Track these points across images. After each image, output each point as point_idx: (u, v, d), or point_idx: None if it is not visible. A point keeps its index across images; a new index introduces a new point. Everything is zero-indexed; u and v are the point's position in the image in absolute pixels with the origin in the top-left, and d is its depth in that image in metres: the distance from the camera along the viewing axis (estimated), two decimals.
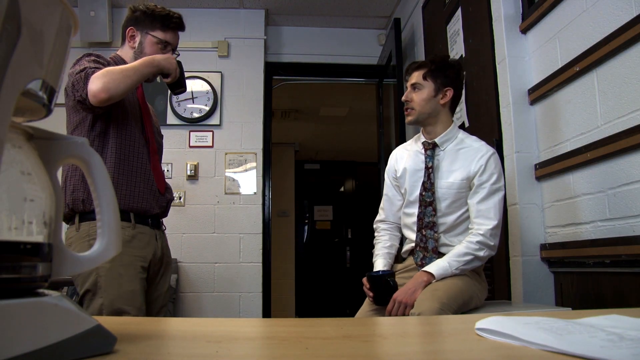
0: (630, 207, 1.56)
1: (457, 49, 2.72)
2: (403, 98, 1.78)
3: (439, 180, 1.75)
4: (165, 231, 1.80)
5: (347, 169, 7.37)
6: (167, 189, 1.78)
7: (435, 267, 1.62)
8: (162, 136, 1.87)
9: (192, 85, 3.62)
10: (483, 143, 1.77)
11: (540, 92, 2.03)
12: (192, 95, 3.62)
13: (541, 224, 2.06)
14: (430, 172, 1.76)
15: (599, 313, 0.56)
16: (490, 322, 0.50)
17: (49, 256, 0.40)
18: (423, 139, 1.83)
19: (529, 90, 2.12)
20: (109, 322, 0.45)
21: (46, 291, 0.41)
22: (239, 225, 3.51)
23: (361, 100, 5.08)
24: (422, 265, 1.72)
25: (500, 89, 2.22)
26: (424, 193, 1.76)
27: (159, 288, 1.71)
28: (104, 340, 0.41)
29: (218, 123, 3.63)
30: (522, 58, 2.16)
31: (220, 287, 3.44)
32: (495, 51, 2.25)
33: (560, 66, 1.90)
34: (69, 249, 0.44)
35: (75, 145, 0.45)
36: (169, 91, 2.03)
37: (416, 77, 1.77)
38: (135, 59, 1.72)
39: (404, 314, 1.56)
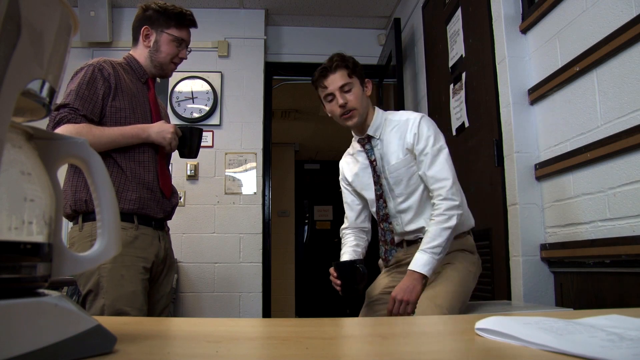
0: (630, 207, 1.56)
1: (457, 49, 2.72)
2: (340, 103, 1.68)
3: (387, 166, 1.72)
4: (169, 232, 1.80)
5: None
6: (173, 194, 1.77)
7: (420, 266, 1.56)
8: None
9: (192, 85, 3.62)
10: (410, 112, 1.76)
11: (540, 92, 2.03)
12: (192, 95, 3.62)
13: (541, 224, 2.06)
14: (375, 165, 1.74)
15: (599, 313, 0.56)
16: (490, 322, 0.50)
17: (49, 256, 0.40)
18: (357, 138, 1.81)
19: (529, 90, 2.12)
20: (109, 322, 0.45)
21: (46, 291, 0.41)
22: (239, 225, 3.51)
23: None
24: (386, 260, 1.77)
25: (500, 89, 2.22)
26: (375, 188, 1.76)
27: (162, 289, 1.71)
28: (104, 340, 0.41)
29: (218, 123, 3.63)
30: (522, 58, 2.16)
31: (220, 287, 3.44)
32: (495, 51, 2.25)
33: (560, 66, 1.90)
34: (72, 249, 0.44)
35: (75, 145, 0.45)
36: (169, 90, 2.03)
37: (342, 78, 1.69)
38: (151, 57, 1.72)
39: (406, 313, 1.53)
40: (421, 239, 1.64)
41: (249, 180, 3.58)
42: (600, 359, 0.38)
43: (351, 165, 1.86)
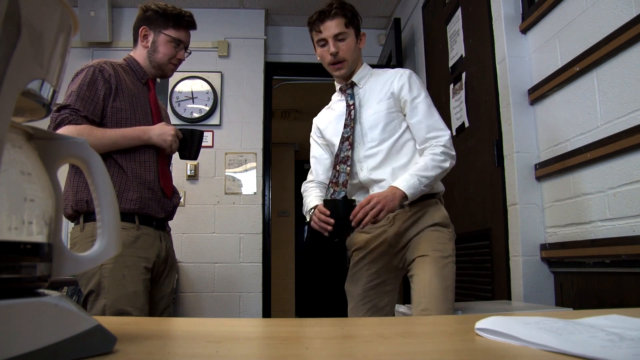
0: (630, 207, 1.56)
1: (457, 49, 2.72)
2: (332, 51, 1.65)
3: (365, 111, 1.67)
4: (170, 232, 1.80)
5: None
6: (174, 193, 1.77)
7: (404, 183, 1.50)
8: None
9: (192, 85, 3.62)
10: (396, 69, 1.73)
11: (540, 92, 2.03)
12: (192, 95, 3.62)
13: (541, 224, 2.06)
14: (351, 109, 1.69)
15: (599, 313, 0.56)
16: (490, 322, 0.50)
17: (49, 256, 0.40)
18: (339, 85, 1.76)
19: (529, 90, 2.12)
20: (109, 322, 0.45)
21: (46, 291, 0.41)
22: (239, 225, 3.51)
23: None
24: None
25: (500, 89, 2.22)
26: (343, 131, 1.69)
27: (163, 289, 1.71)
28: (104, 340, 0.41)
29: (218, 123, 3.63)
30: (522, 58, 2.16)
31: (220, 287, 3.44)
32: (495, 51, 2.25)
33: (560, 66, 1.90)
34: (73, 249, 0.44)
35: (75, 145, 0.45)
36: (168, 90, 2.03)
37: (337, 26, 1.65)
38: (149, 58, 1.73)
39: (375, 220, 1.46)
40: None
41: (249, 180, 3.58)
42: (600, 359, 0.38)
43: (325, 116, 1.82)
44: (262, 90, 3.72)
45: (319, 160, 1.82)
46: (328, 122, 1.78)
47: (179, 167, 3.49)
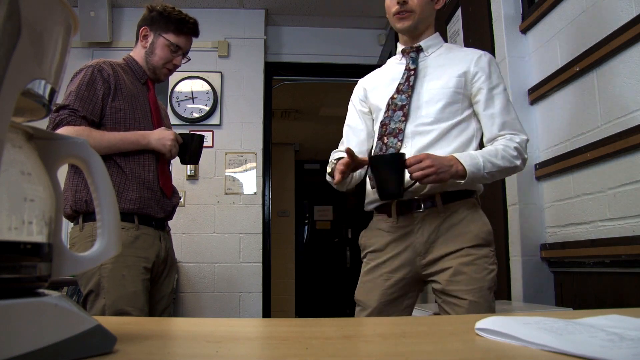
0: (630, 207, 1.56)
1: None
2: None
3: (427, 82, 1.44)
4: (170, 232, 1.80)
5: None
6: (174, 193, 1.77)
7: (468, 159, 1.30)
8: None
9: (192, 85, 3.62)
10: (476, 49, 1.53)
11: (540, 92, 2.03)
12: (192, 95, 3.62)
13: (541, 224, 2.06)
14: (411, 73, 1.46)
15: (599, 313, 0.56)
16: (490, 322, 0.50)
17: (49, 256, 0.40)
18: (402, 47, 1.53)
19: (529, 90, 2.12)
20: (109, 322, 0.45)
21: (46, 291, 0.41)
22: (239, 225, 3.51)
23: None
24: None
25: None
26: (395, 96, 1.44)
27: (163, 289, 1.71)
28: (104, 340, 0.41)
29: (218, 123, 3.63)
30: (522, 58, 2.16)
31: (220, 287, 3.44)
32: (495, 51, 2.25)
33: (560, 66, 1.90)
34: (73, 249, 0.44)
35: (75, 145, 0.45)
36: (168, 90, 2.03)
37: None
38: (146, 59, 1.73)
39: (425, 178, 1.24)
40: (429, 200, 1.37)
41: (249, 180, 3.58)
42: (600, 359, 0.38)
43: (375, 77, 1.58)
44: (262, 90, 3.72)
45: (354, 130, 1.58)
46: (378, 83, 1.54)
47: (179, 167, 3.49)
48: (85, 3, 3.44)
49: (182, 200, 3.48)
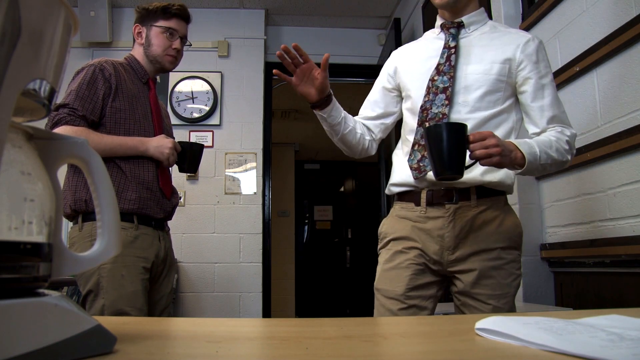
0: (630, 207, 1.56)
1: None
2: None
3: (467, 65, 1.29)
4: (169, 232, 1.80)
5: (347, 169, 7.37)
6: (174, 193, 1.78)
7: (527, 147, 1.18)
8: (173, 138, 1.88)
9: (192, 85, 3.62)
10: (523, 31, 1.41)
11: None
12: (192, 95, 3.62)
13: (541, 224, 2.06)
14: (451, 52, 1.31)
15: (599, 313, 0.56)
16: (490, 322, 0.50)
17: (49, 256, 0.40)
18: (441, 21, 1.39)
19: None
20: (109, 322, 0.45)
21: (46, 291, 0.41)
22: (239, 225, 3.51)
23: (361, 100, 5.06)
24: (419, 169, 1.28)
25: None
26: (436, 78, 1.30)
27: (162, 289, 1.71)
28: (104, 340, 0.41)
29: (218, 123, 3.63)
30: None
31: (220, 287, 3.44)
32: None
33: (560, 66, 1.90)
34: (72, 249, 0.44)
35: (75, 145, 0.45)
36: (167, 88, 2.03)
37: None
38: (146, 54, 1.73)
39: (487, 157, 1.09)
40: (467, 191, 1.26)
41: (249, 180, 3.58)
42: (600, 359, 0.38)
43: (410, 51, 1.43)
44: (262, 90, 3.72)
45: (371, 105, 1.48)
46: (412, 59, 1.40)
47: None
48: (85, 3, 3.44)
49: (182, 200, 3.48)
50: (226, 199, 3.54)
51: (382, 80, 1.47)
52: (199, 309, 3.39)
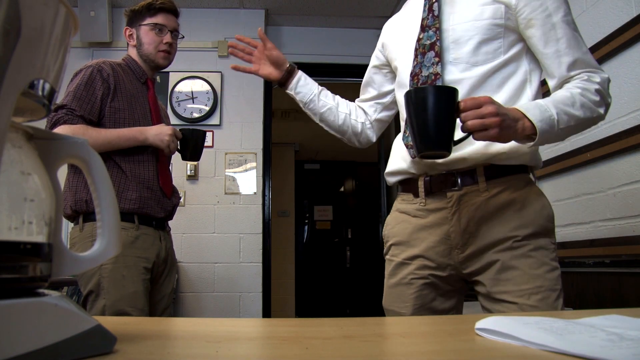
0: (630, 207, 1.56)
1: None
2: None
3: (453, 14, 1.08)
4: (170, 232, 1.80)
5: (347, 169, 7.37)
6: (174, 193, 1.78)
7: (537, 111, 0.93)
8: None
9: (192, 85, 3.62)
10: None
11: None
12: (192, 95, 3.62)
13: None
14: (432, 1, 1.10)
15: (599, 313, 0.56)
16: (490, 322, 0.50)
17: (49, 256, 0.40)
18: None
19: None
20: (109, 322, 0.45)
21: (46, 291, 0.41)
22: (239, 225, 3.51)
23: None
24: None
25: None
26: (421, 36, 1.10)
27: (163, 289, 1.71)
28: (104, 340, 0.41)
29: (218, 123, 3.63)
30: None
31: (220, 287, 3.44)
32: None
33: None
34: (73, 249, 0.44)
35: (75, 145, 0.45)
36: (169, 92, 2.02)
37: None
38: (139, 54, 1.74)
39: (482, 130, 0.88)
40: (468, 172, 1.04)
41: (249, 180, 3.58)
42: (600, 359, 0.38)
43: (397, 18, 1.26)
44: (262, 90, 3.72)
45: (365, 88, 1.35)
46: (397, 25, 1.24)
47: (179, 167, 3.49)
48: (85, 3, 3.44)
49: (182, 200, 3.48)
50: (226, 199, 3.54)
51: (372, 60, 1.33)
52: (199, 309, 3.39)
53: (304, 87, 1.28)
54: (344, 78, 4.22)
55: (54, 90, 0.40)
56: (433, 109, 0.88)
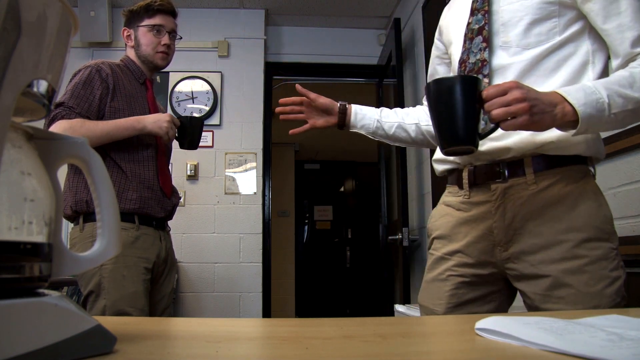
0: (630, 207, 1.56)
1: None
2: None
3: None
4: (170, 232, 1.80)
5: (347, 169, 7.38)
6: (174, 193, 1.78)
7: (582, 96, 0.84)
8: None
9: (192, 85, 3.63)
10: None
11: None
12: (192, 95, 3.62)
13: None
14: None
15: (599, 313, 0.56)
16: (490, 322, 0.50)
17: (49, 256, 0.40)
18: None
19: None
20: (109, 322, 0.45)
21: (46, 291, 0.41)
22: (239, 225, 3.51)
23: (361, 100, 5.05)
24: None
25: None
26: (470, 20, 1.04)
27: (163, 289, 1.72)
28: (104, 340, 0.41)
29: (218, 123, 3.63)
30: None
31: (220, 287, 3.44)
32: None
33: None
34: (73, 249, 0.44)
35: (75, 145, 0.45)
36: (168, 90, 2.02)
37: None
38: (137, 55, 1.74)
39: (509, 119, 0.81)
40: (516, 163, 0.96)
41: (249, 180, 3.58)
42: (600, 359, 0.38)
43: (452, 6, 1.20)
44: (262, 90, 3.72)
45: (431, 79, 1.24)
46: (453, 11, 1.17)
47: (179, 167, 3.49)
48: (85, 3, 3.44)
49: (182, 200, 3.47)
50: (226, 199, 3.55)
51: (433, 50, 1.25)
52: (199, 309, 3.39)
53: (364, 119, 1.20)
54: (344, 78, 4.22)
55: (54, 90, 0.40)
56: (453, 101, 0.83)
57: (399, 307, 1.93)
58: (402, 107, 1.33)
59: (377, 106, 1.30)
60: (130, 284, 1.52)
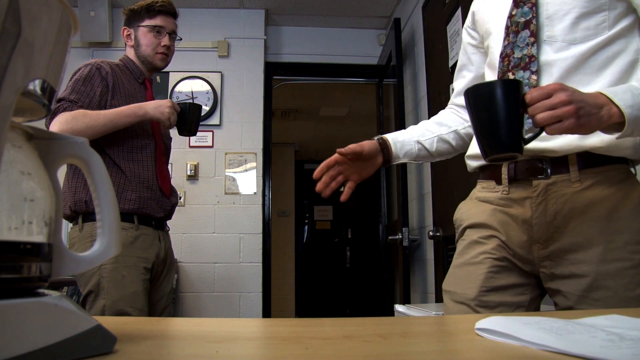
0: None
1: (457, 49, 2.72)
2: None
3: None
4: (169, 232, 1.80)
5: None
6: (173, 192, 1.78)
7: (630, 97, 0.80)
8: (170, 139, 1.87)
9: (192, 85, 3.63)
10: None
11: None
12: (192, 95, 3.62)
13: None
14: None
15: (599, 313, 0.56)
16: (490, 322, 0.50)
17: (49, 256, 0.40)
18: None
19: None
20: (109, 322, 0.45)
21: (46, 291, 0.41)
22: (239, 225, 3.52)
23: (361, 100, 5.08)
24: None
25: None
26: (514, 12, 0.98)
27: (162, 289, 1.72)
28: (104, 340, 0.41)
29: (218, 123, 3.63)
30: None
31: (220, 287, 3.44)
32: None
33: None
34: (72, 249, 0.44)
35: (75, 145, 0.45)
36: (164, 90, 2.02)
37: None
38: (137, 55, 1.74)
39: (554, 122, 0.77)
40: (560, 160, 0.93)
41: (249, 180, 3.58)
42: (600, 359, 0.38)
43: None
44: (262, 90, 3.73)
45: (462, 73, 1.21)
46: (489, 1, 1.09)
47: (179, 167, 3.50)
48: (85, 3, 3.44)
49: (182, 200, 3.48)
50: (226, 199, 3.55)
51: (466, 38, 1.18)
52: (199, 309, 3.39)
53: (405, 145, 1.14)
54: (344, 78, 4.23)
55: (54, 90, 0.40)
56: (495, 107, 0.80)
57: (399, 307, 1.93)
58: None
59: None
60: (129, 284, 1.52)
